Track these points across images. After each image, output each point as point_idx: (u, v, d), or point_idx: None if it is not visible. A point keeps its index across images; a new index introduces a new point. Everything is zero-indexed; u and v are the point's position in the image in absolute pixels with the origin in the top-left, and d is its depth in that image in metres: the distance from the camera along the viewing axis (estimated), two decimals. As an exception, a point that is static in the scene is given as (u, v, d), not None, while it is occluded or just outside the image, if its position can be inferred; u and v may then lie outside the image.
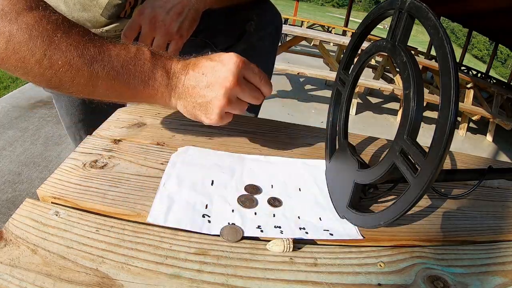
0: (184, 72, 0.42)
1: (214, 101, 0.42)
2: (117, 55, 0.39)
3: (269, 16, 0.78)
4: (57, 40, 0.36)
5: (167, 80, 0.42)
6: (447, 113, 0.29)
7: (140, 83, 0.41)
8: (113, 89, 0.40)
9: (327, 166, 0.51)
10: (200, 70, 0.42)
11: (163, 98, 0.43)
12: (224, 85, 0.41)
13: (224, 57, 0.42)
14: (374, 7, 0.45)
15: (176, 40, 0.57)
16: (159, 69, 0.42)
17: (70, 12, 0.63)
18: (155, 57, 0.42)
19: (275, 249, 0.34)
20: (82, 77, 0.38)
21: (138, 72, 0.40)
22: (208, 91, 0.41)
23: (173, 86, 0.43)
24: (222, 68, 0.41)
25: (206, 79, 0.41)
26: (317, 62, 4.93)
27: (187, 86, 0.42)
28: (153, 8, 0.55)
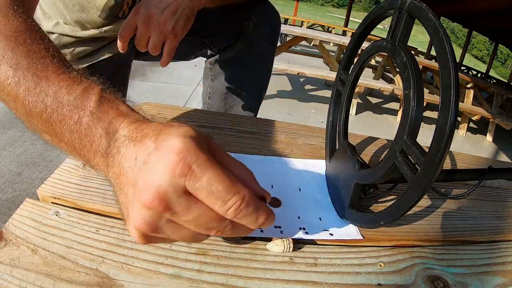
0: (126, 143, 0.27)
1: (131, 213, 0.25)
2: (55, 93, 0.29)
3: (268, 16, 0.78)
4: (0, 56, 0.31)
5: (105, 147, 0.28)
6: (447, 113, 0.29)
7: (74, 139, 0.29)
8: (49, 135, 0.31)
9: (327, 166, 0.51)
10: (136, 150, 0.26)
11: (100, 170, 0.29)
12: (140, 199, 0.24)
13: (165, 145, 0.24)
14: (374, 7, 0.45)
15: (171, 39, 0.57)
16: (99, 128, 0.28)
17: (69, 13, 0.63)
18: (101, 108, 0.29)
19: (275, 249, 0.34)
20: (20, 108, 0.31)
21: (73, 123, 0.29)
22: (130, 191, 0.25)
23: (111, 158, 0.27)
24: (154, 165, 0.24)
25: (134, 170, 0.25)
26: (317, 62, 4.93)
27: (120, 167, 0.26)
28: (148, 7, 0.55)
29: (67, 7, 0.63)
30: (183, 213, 0.24)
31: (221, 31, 0.78)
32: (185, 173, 0.23)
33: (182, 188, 0.24)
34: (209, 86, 0.87)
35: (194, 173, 0.23)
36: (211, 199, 0.24)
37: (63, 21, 0.65)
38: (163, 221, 0.25)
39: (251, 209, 0.25)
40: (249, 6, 0.76)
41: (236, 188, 0.24)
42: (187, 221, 0.25)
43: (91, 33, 0.66)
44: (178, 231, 0.26)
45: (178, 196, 0.24)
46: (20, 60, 0.31)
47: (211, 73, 0.86)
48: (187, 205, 0.24)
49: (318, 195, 0.45)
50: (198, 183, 0.23)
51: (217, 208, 0.24)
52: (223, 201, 0.24)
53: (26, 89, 0.30)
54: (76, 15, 0.64)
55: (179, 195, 0.24)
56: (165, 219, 0.25)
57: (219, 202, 0.24)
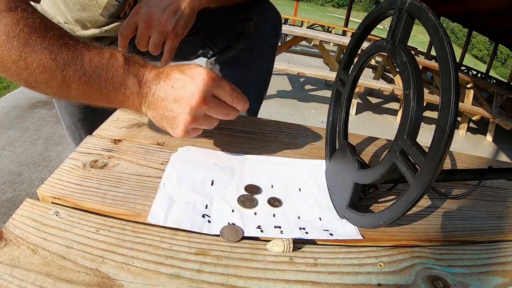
0: (155, 82, 0.42)
1: (179, 117, 0.41)
2: (90, 60, 0.39)
3: (269, 16, 0.78)
4: (32, 42, 0.36)
5: (138, 88, 0.42)
6: (447, 113, 0.29)
7: (111, 89, 0.41)
8: (86, 93, 0.40)
9: (327, 166, 0.51)
10: (170, 82, 0.41)
11: (134, 105, 0.43)
12: (190, 103, 0.40)
13: (194, 72, 0.41)
14: (374, 7, 0.45)
15: (171, 39, 0.57)
16: (131, 77, 0.41)
17: (70, 12, 0.63)
18: (128, 63, 0.41)
19: (275, 249, 0.34)
20: (55, 80, 0.38)
21: (109, 78, 0.40)
22: (175, 105, 0.41)
23: (144, 94, 0.42)
24: (191, 84, 0.40)
25: (174, 93, 0.41)
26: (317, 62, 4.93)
27: (157, 97, 0.42)
28: (149, 7, 0.55)
29: (67, 6, 0.63)
30: (213, 105, 0.42)
31: (222, 31, 0.78)
32: (213, 84, 0.41)
33: (211, 92, 0.42)
34: None
35: (216, 83, 0.42)
36: (226, 95, 0.43)
37: (64, 20, 0.65)
38: (201, 115, 0.42)
39: (242, 96, 0.44)
40: (250, 6, 0.76)
41: (235, 88, 0.44)
42: (215, 111, 0.43)
43: (92, 33, 0.66)
44: (208, 121, 0.44)
45: (210, 97, 0.42)
46: (51, 42, 0.37)
47: None
48: (215, 101, 0.42)
49: (318, 195, 0.45)
50: (219, 88, 0.42)
51: (229, 99, 0.43)
52: (231, 94, 0.43)
53: (65, 62, 0.38)
54: (77, 14, 0.64)
55: (211, 96, 0.42)
56: (203, 113, 0.42)
57: (229, 95, 0.43)
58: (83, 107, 0.80)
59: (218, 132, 0.57)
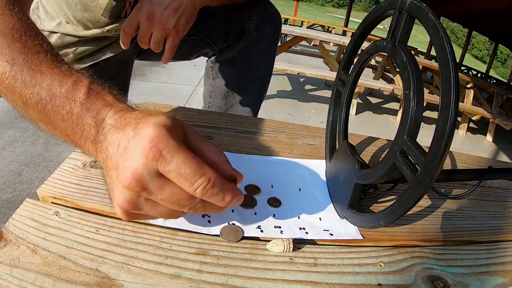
0: (111, 130, 0.30)
1: (115, 193, 0.29)
2: (49, 86, 0.32)
3: (269, 16, 0.79)
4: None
5: (94, 133, 0.31)
6: (447, 113, 0.29)
7: (66, 127, 0.33)
8: (44, 124, 0.34)
9: (327, 166, 0.51)
10: (120, 137, 0.29)
11: (91, 155, 0.33)
12: (122, 180, 0.27)
13: (141, 132, 0.27)
14: (374, 7, 0.45)
15: (173, 36, 0.58)
16: (88, 117, 0.32)
17: (72, 12, 0.64)
18: (90, 99, 0.32)
19: (275, 249, 0.34)
20: (17, 99, 0.34)
21: (65, 113, 0.32)
22: (114, 174, 0.29)
23: (99, 144, 0.31)
24: (130, 152, 0.27)
25: (117, 154, 0.29)
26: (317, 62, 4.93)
27: (106, 153, 0.30)
28: (151, 4, 0.56)
29: (69, 7, 0.63)
30: (157, 192, 0.28)
31: (223, 31, 0.78)
32: (157, 157, 0.27)
33: (155, 170, 0.27)
34: (210, 85, 0.87)
35: (164, 158, 0.27)
36: (180, 180, 0.27)
37: (66, 20, 0.65)
38: (142, 199, 0.28)
39: (217, 189, 0.28)
40: (251, 6, 0.76)
41: (202, 171, 0.27)
42: (162, 199, 0.28)
43: (94, 33, 0.67)
44: (156, 208, 0.29)
45: (152, 177, 0.27)
46: (16, 55, 0.33)
47: (212, 72, 0.86)
48: (160, 185, 0.28)
49: (318, 195, 0.45)
50: (169, 166, 0.27)
51: (186, 188, 0.28)
52: (191, 182, 0.27)
53: (22, 82, 0.32)
54: (79, 15, 0.64)
55: (153, 177, 0.27)
56: (143, 197, 0.28)
57: (187, 183, 0.27)
58: None
59: (218, 132, 0.57)
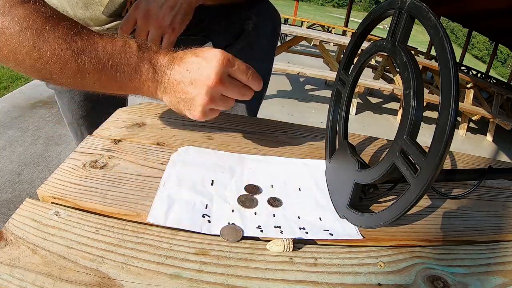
0: (170, 66, 0.42)
1: (196, 99, 0.41)
2: (104, 48, 0.39)
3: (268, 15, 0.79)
4: (45, 32, 0.36)
5: (153, 74, 0.42)
6: (447, 113, 0.29)
7: (126, 76, 0.41)
8: (101, 81, 0.41)
9: (327, 166, 0.51)
10: (185, 66, 0.42)
11: (150, 91, 0.44)
12: (206, 84, 0.40)
13: (208, 54, 0.41)
14: (374, 7, 0.45)
15: (169, 34, 0.59)
16: (145, 63, 0.41)
17: (73, 10, 0.64)
18: (142, 50, 0.42)
19: (275, 249, 0.34)
20: (70, 69, 0.38)
21: (124, 65, 0.40)
22: (191, 88, 0.41)
23: (159, 80, 0.42)
24: (206, 66, 0.41)
25: (190, 75, 0.41)
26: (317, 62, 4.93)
27: (172, 81, 0.42)
28: (148, 2, 0.57)
29: (70, 5, 0.64)
30: (229, 85, 0.42)
31: (222, 30, 0.78)
32: (228, 63, 0.41)
33: (227, 72, 0.42)
34: None
35: (231, 62, 0.42)
36: (241, 74, 0.43)
37: None
38: (219, 95, 0.42)
39: (256, 75, 0.45)
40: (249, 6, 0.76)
41: (249, 68, 0.44)
42: (231, 91, 0.43)
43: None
44: (225, 101, 0.44)
45: (226, 76, 0.42)
46: (65, 31, 0.38)
47: None
48: (231, 81, 0.43)
49: (318, 195, 0.45)
50: (235, 67, 0.42)
51: (244, 77, 0.43)
52: (246, 72, 0.43)
53: (78, 51, 0.38)
54: (80, 13, 0.64)
55: (226, 76, 0.42)
56: (219, 94, 0.42)
57: (244, 73, 0.43)
58: (85, 105, 0.81)
59: (218, 132, 0.57)
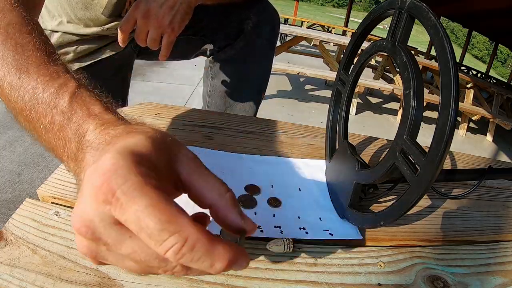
0: (89, 149, 0.25)
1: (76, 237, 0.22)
2: (33, 89, 0.28)
3: (267, 15, 0.79)
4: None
5: (75, 151, 0.26)
6: (447, 113, 0.29)
7: (50, 139, 0.28)
8: (32, 133, 0.30)
9: (327, 166, 0.51)
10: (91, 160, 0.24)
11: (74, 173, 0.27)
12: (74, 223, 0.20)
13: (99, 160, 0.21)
14: (374, 7, 0.45)
15: (168, 33, 0.59)
16: (69, 130, 0.27)
17: (73, 11, 0.64)
18: (73, 106, 0.27)
19: (275, 249, 0.34)
20: (6, 102, 0.30)
21: (47, 122, 0.28)
22: None
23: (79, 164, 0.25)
24: (83, 186, 0.20)
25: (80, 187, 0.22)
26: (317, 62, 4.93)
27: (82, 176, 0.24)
28: (148, 2, 0.57)
29: (71, 5, 0.64)
30: (115, 246, 0.20)
31: (221, 30, 0.78)
32: (109, 200, 0.19)
33: (110, 217, 0.19)
34: (209, 85, 0.88)
35: (119, 201, 0.19)
36: (143, 236, 0.19)
37: (67, 19, 0.66)
38: (103, 249, 0.21)
39: (201, 253, 0.19)
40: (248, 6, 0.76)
41: (175, 226, 0.19)
42: (125, 256, 0.21)
43: (94, 31, 0.67)
44: (123, 262, 0.21)
45: (106, 226, 0.20)
46: (6, 53, 0.30)
47: (211, 71, 0.86)
48: (119, 237, 0.20)
49: (318, 195, 0.45)
50: (125, 215, 0.19)
51: (153, 248, 0.19)
52: (157, 241, 0.19)
53: (9, 84, 0.29)
54: (80, 13, 0.64)
55: (108, 225, 0.20)
56: (103, 248, 0.21)
57: (152, 242, 0.19)
58: None
59: (218, 132, 0.57)
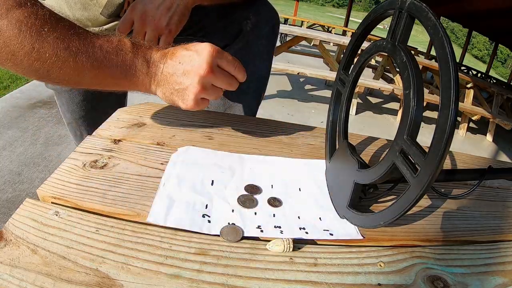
0: (162, 60, 0.45)
1: (190, 88, 0.44)
2: (100, 46, 0.41)
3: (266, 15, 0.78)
4: (44, 34, 0.37)
5: (147, 69, 0.45)
6: (447, 113, 0.29)
7: (122, 72, 0.43)
8: (98, 78, 0.43)
9: (327, 166, 0.51)
10: (177, 59, 0.45)
11: (144, 85, 0.46)
12: (199, 73, 0.44)
13: (199, 47, 0.45)
14: (374, 7, 0.45)
15: (165, 35, 0.59)
16: (140, 58, 0.44)
17: (71, 11, 0.64)
18: (136, 47, 0.44)
19: (275, 249, 0.34)
20: (68, 68, 0.40)
21: (120, 61, 0.43)
22: (184, 78, 0.44)
23: (153, 74, 0.45)
24: (197, 57, 0.44)
25: (182, 67, 0.44)
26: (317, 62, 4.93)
27: (166, 73, 0.45)
28: (145, 3, 0.57)
29: (69, 5, 0.64)
30: (219, 75, 0.46)
31: (220, 30, 0.78)
32: (217, 55, 0.45)
33: (216, 63, 0.45)
34: None
35: (220, 54, 0.45)
36: (229, 65, 0.47)
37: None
38: (209, 84, 0.46)
39: (242, 66, 0.49)
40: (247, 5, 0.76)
41: (236, 59, 0.48)
42: (221, 80, 0.46)
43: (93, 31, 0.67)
44: (214, 90, 0.47)
45: (216, 67, 0.45)
46: (63, 31, 0.39)
47: None
48: (220, 71, 0.46)
49: (318, 195, 0.45)
50: (223, 57, 0.46)
51: (231, 69, 0.47)
52: (233, 64, 0.47)
53: (76, 50, 0.39)
54: (78, 13, 0.64)
55: (216, 66, 0.45)
56: (210, 83, 0.46)
57: (232, 65, 0.47)
58: (84, 105, 0.81)
59: (218, 132, 0.57)
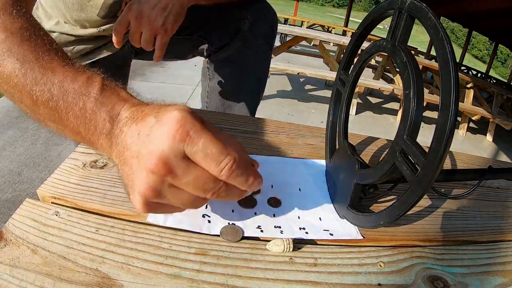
0: (129, 123, 0.30)
1: (136, 182, 0.28)
2: (60, 82, 0.32)
3: (264, 15, 0.78)
4: (5, 48, 0.33)
5: (109, 128, 0.31)
6: (447, 113, 0.29)
7: (79, 124, 0.32)
8: (55, 123, 0.34)
9: (327, 166, 0.51)
10: (139, 127, 0.29)
11: (104, 150, 0.32)
12: (146, 165, 0.27)
13: (165, 117, 0.28)
14: (374, 7, 0.45)
15: (161, 34, 0.59)
16: (103, 112, 0.31)
17: (69, 12, 0.64)
18: (104, 94, 0.32)
19: (275, 249, 0.34)
20: (26, 99, 0.33)
21: (78, 109, 0.32)
22: (134, 162, 0.28)
23: (114, 138, 0.31)
24: (155, 135, 0.27)
25: (137, 143, 0.28)
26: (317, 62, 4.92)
27: (124, 144, 0.30)
28: (141, 4, 0.57)
29: (67, 7, 0.64)
30: (183, 175, 0.27)
31: (217, 30, 0.78)
32: (184, 138, 0.27)
33: (181, 152, 0.27)
34: (207, 86, 0.87)
35: (191, 138, 0.27)
36: (207, 160, 0.27)
37: (64, 20, 0.66)
38: (165, 185, 0.28)
39: (241, 170, 0.28)
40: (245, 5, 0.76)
41: (228, 151, 0.28)
42: (186, 183, 0.28)
43: (91, 32, 0.67)
44: (179, 195, 0.28)
45: (178, 160, 0.27)
46: (26, 53, 0.32)
47: (209, 72, 0.86)
48: (186, 167, 0.27)
49: (318, 195, 0.45)
50: (196, 147, 0.27)
51: (212, 169, 0.27)
52: (217, 161, 0.27)
53: (33, 80, 0.32)
54: (76, 14, 0.64)
55: (180, 159, 0.27)
56: (167, 183, 0.28)
57: (213, 163, 0.27)
58: None
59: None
